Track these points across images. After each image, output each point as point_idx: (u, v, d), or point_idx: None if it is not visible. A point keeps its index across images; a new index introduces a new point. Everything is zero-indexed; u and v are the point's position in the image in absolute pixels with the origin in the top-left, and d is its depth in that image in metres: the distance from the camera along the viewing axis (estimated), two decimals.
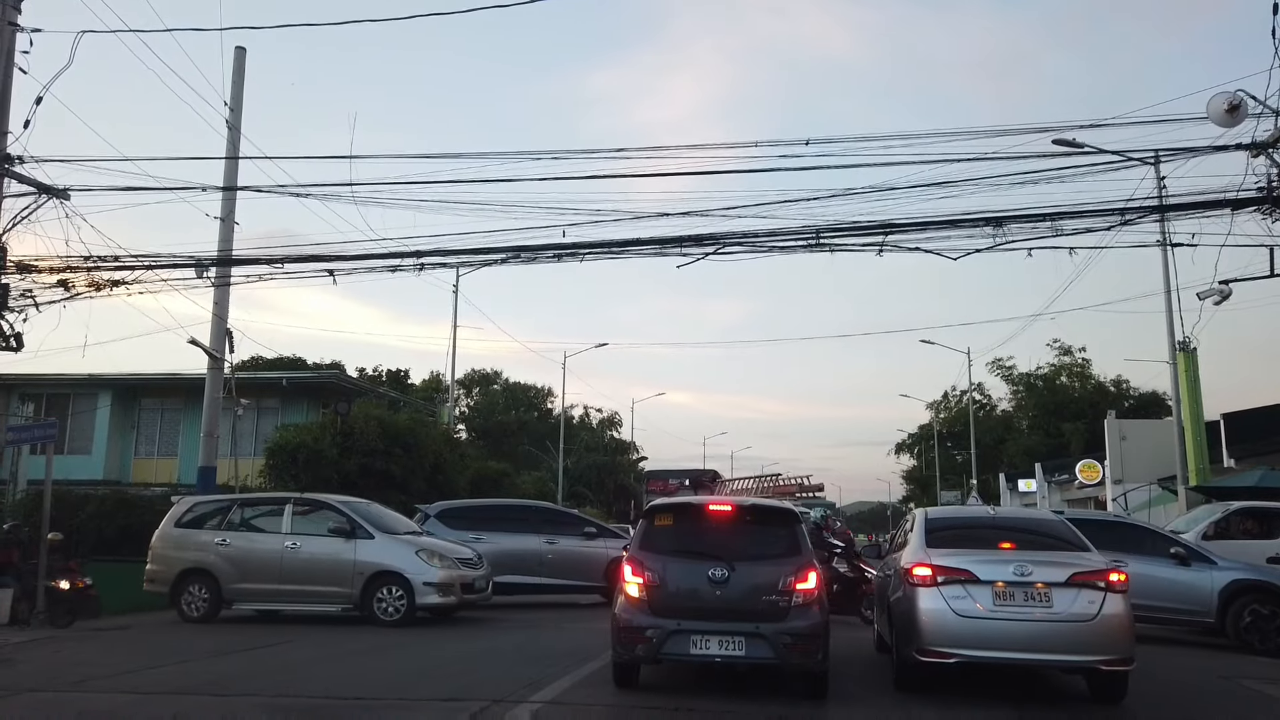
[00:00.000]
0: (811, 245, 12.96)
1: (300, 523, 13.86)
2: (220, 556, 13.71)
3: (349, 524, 13.57)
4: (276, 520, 14.01)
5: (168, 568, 13.91)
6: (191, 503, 14.82)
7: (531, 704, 7.33)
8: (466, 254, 14.53)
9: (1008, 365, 56.49)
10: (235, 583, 13.62)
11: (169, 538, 14.15)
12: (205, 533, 14.00)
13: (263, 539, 13.91)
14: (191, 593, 13.64)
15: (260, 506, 14.75)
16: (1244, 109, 11.39)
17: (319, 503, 14.33)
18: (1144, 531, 13.41)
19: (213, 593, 13.59)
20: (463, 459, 29.08)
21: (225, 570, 13.64)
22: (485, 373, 72.24)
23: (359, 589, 13.17)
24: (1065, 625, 7.43)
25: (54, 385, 29.34)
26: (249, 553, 13.75)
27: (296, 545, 13.56)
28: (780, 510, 8.65)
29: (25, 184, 13.86)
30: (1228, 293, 14.18)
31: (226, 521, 14.10)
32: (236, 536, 13.92)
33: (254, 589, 13.65)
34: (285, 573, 13.46)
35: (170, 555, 13.99)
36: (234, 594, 13.69)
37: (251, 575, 13.61)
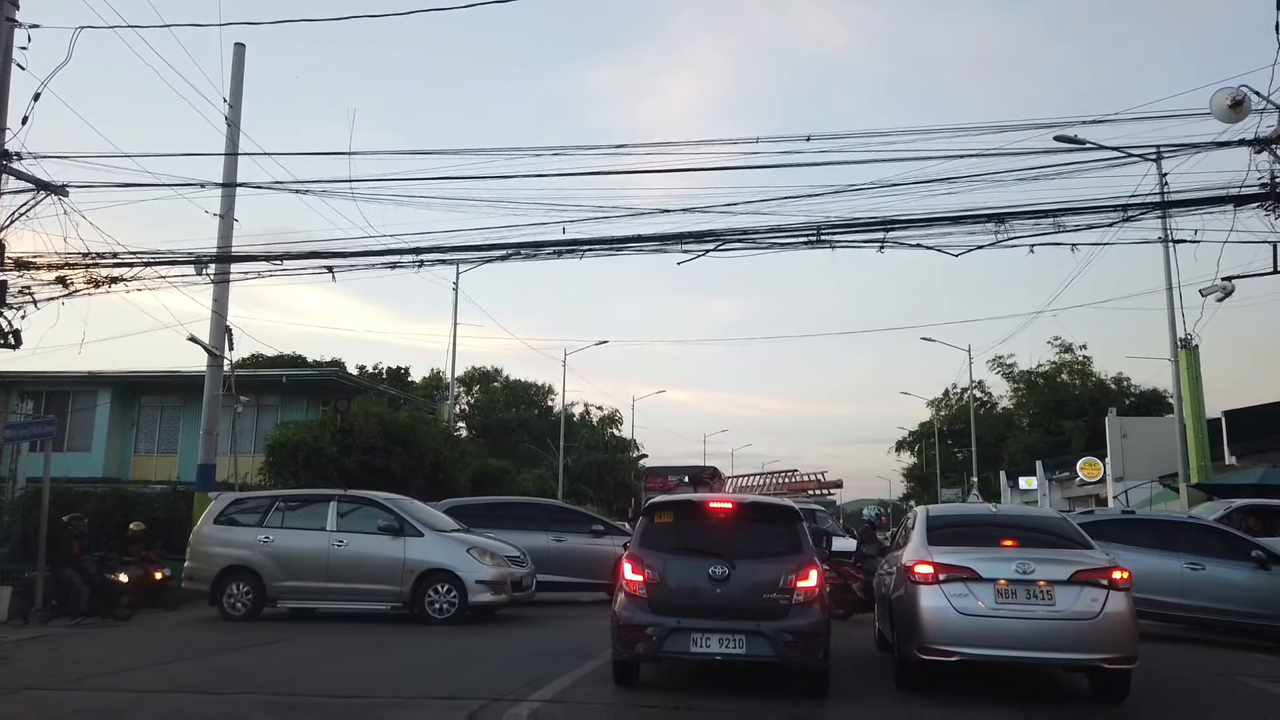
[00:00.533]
0: (812, 242, 12.90)
1: (346, 520, 13.63)
2: (263, 554, 13.48)
3: (398, 521, 13.42)
4: (321, 517, 13.73)
5: (208, 565, 13.66)
6: (230, 499, 14.59)
7: (531, 702, 7.30)
8: (466, 251, 14.48)
9: (1008, 363, 56.55)
10: (279, 580, 13.40)
11: (208, 535, 13.90)
12: (246, 529, 13.75)
13: (308, 536, 13.57)
14: (233, 590, 13.41)
15: (302, 503, 14.43)
16: (1247, 104, 11.32)
17: (364, 499, 14.18)
18: (1221, 533, 12.83)
19: (255, 591, 13.37)
20: (463, 456, 29.04)
21: (269, 568, 13.42)
22: (486, 370, 72.24)
23: (409, 587, 13.02)
24: (1068, 623, 7.39)
25: (53, 383, 29.29)
26: (294, 550, 13.49)
27: (343, 542, 13.35)
28: (781, 507, 8.61)
29: (23, 180, 13.81)
30: (1230, 289, 14.11)
31: (268, 518, 13.86)
32: (279, 533, 13.66)
33: (299, 587, 13.43)
34: (332, 570, 13.26)
35: (210, 552, 13.74)
36: (278, 592, 13.47)
37: (297, 573, 13.39)
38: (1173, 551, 12.21)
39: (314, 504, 14.23)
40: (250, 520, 13.92)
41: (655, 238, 13.53)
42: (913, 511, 9.82)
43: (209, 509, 14.39)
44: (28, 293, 14.51)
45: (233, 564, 13.53)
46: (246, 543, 13.62)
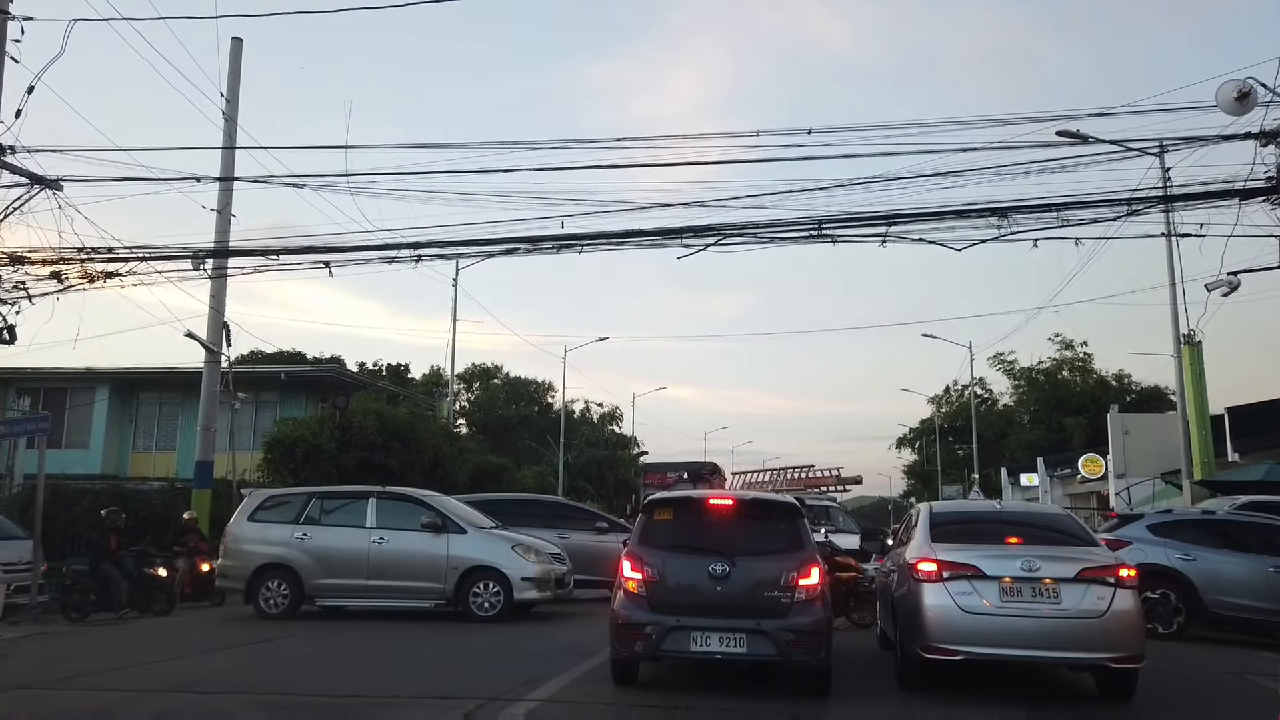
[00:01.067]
0: (814, 236, 12.79)
1: (385, 516, 13.42)
2: (301, 551, 13.26)
3: (440, 518, 13.29)
4: (359, 514, 13.51)
5: (243, 563, 13.44)
6: (264, 495, 14.34)
7: (528, 702, 7.18)
8: (464, 245, 14.34)
9: (1009, 360, 56.36)
10: (318, 578, 13.20)
11: (243, 532, 13.67)
12: (282, 526, 13.52)
13: (347, 533, 13.35)
14: (270, 588, 13.20)
15: (339, 500, 14.20)
16: (1254, 96, 11.21)
17: (404, 496, 14.06)
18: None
19: (293, 588, 13.16)
20: (462, 453, 28.94)
21: (307, 565, 13.21)
22: (485, 367, 72.09)
23: (453, 584, 12.88)
24: (1074, 622, 7.27)
25: (51, 379, 29.21)
26: (333, 548, 13.28)
27: (384, 540, 13.15)
28: (782, 504, 8.50)
29: (17, 174, 13.68)
30: (1236, 284, 14.00)
31: (304, 515, 13.62)
32: (317, 530, 13.44)
33: (339, 585, 13.23)
34: (373, 568, 13.07)
35: (245, 550, 13.51)
36: (316, 590, 13.25)
37: (336, 571, 13.19)
38: (1260, 553, 11.70)
39: (352, 501, 14.02)
40: (285, 517, 13.66)
41: (655, 232, 13.42)
42: (916, 508, 9.70)
43: (242, 506, 14.13)
44: (22, 288, 14.41)
45: (269, 561, 13.31)
46: (283, 540, 13.38)
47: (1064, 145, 13.13)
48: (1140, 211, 12.49)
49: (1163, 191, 14.20)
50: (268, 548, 13.40)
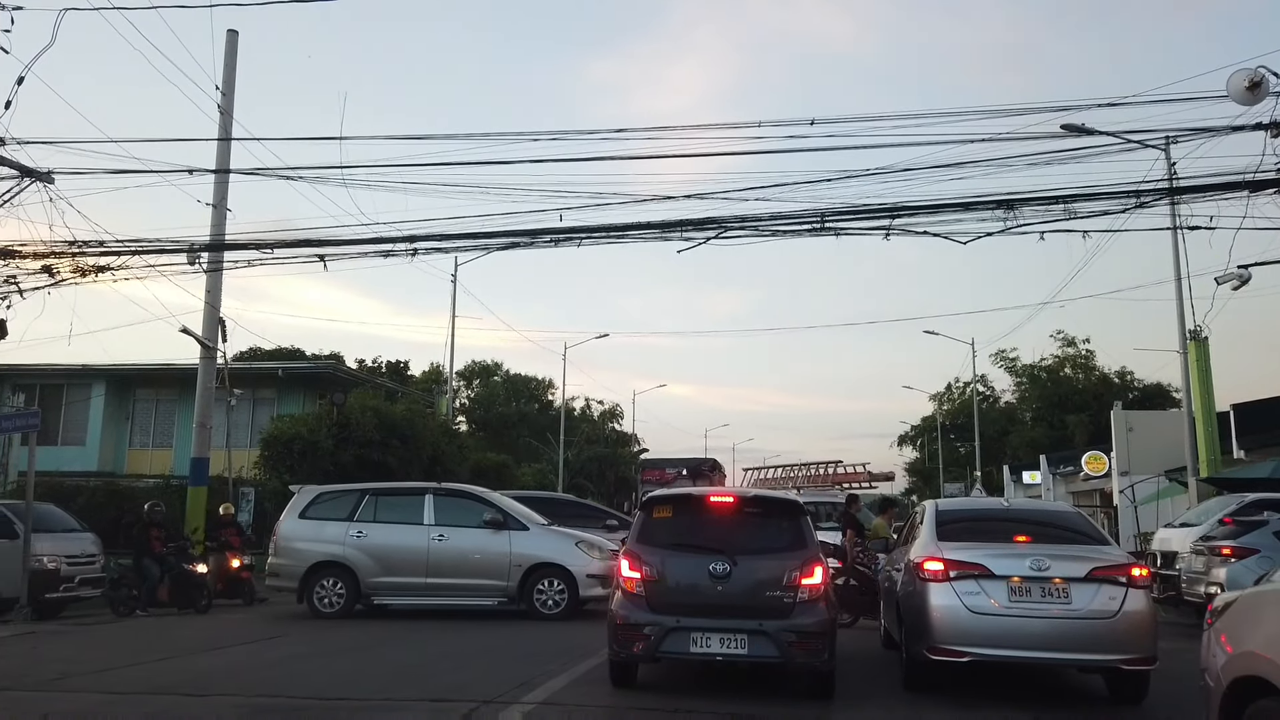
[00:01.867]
0: (816, 229, 12.58)
1: (443, 513, 13.21)
2: (357, 549, 13.02)
3: (502, 515, 13.10)
4: (416, 511, 13.29)
5: (296, 561, 13.16)
6: (315, 493, 14.02)
7: (524, 705, 6.99)
8: (462, 239, 14.14)
9: (1011, 357, 56.16)
10: (375, 576, 12.98)
11: (295, 530, 13.41)
12: (335, 524, 13.25)
13: (405, 531, 13.11)
14: (324, 587, 12.96)
15: (394, 496, 14.01)
16: (1265, 86, 10.98)
17: (463, 492, 13.88)
18: None
19: (349, 587, 12.93)
20: (461, 450, 28.77)
21: (364, 563, 12.98)
22: (485, 364, 71.92)
23: (516, 582, 12.71)
24: (1085, 622, 7.06)
25: (47, 375, 29.05)
26: (391, 545, 13.04)
27: (444, 537, 12.93)
28: (784, 502, 8.30)
29: (7, 166, 13.51)
30: (1247, 277, 13.78)
31: (358, 512, 13.37)
32: (373, 528, 13.20)
33: (397, 583, 13.00)
34: (433, 566, 12.84)
35: (298, 548, 13.24)
36: (374, 588, 13.03)
37: (394, 569, 12.95)
38: None
39: (407, 497, 13.83)
40: (338, 514, 13.41)
41: (655, 225, 13.20)
42: (921, 506, 9.49)
43: (292, 503, 13.86)
44: (13, 282, 14.23)
45: (323, 560, 13.06)
46: (337, 538, 13.12)
47: (1071, 137, 12.89)
48: (1149, 204, 12.28)
49: (1169, 184, 14.00)
50: (322, 545, 13.13)
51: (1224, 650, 4.07)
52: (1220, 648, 4.13)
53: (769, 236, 12.93)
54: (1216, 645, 4.20)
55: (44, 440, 20.52)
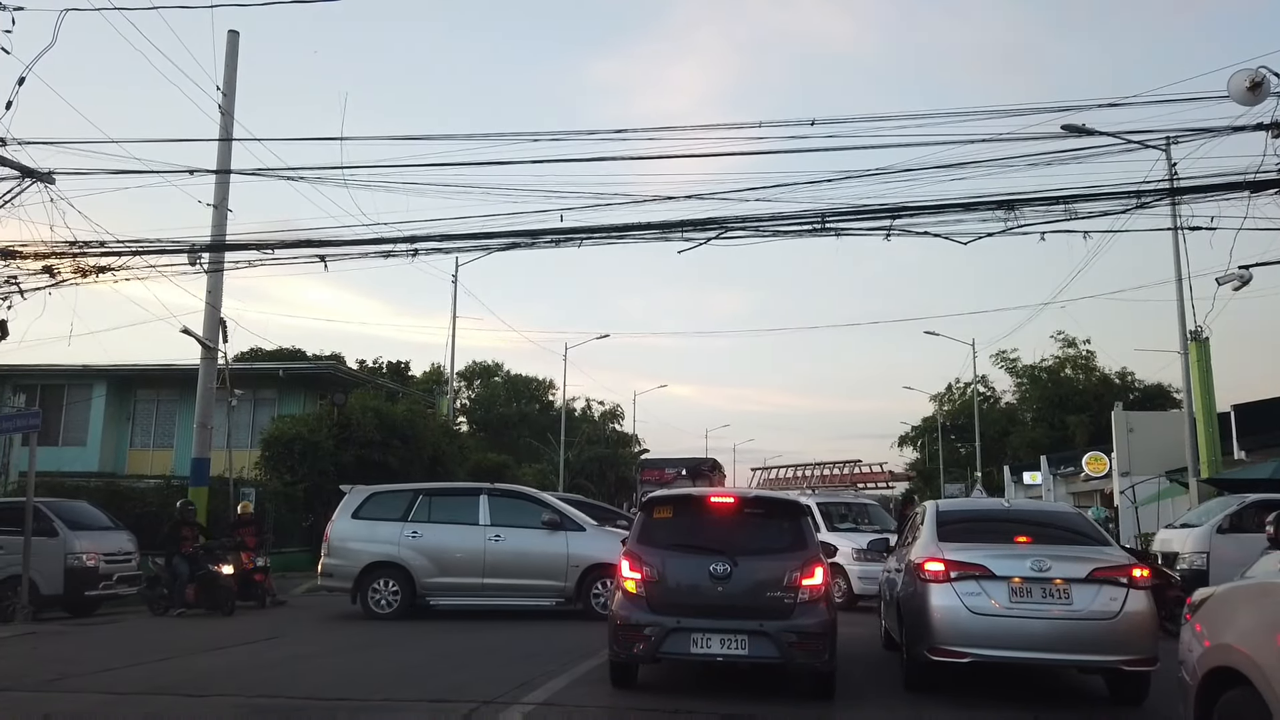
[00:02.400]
0: (817, 229, 12.56)
1: (498, 514, 13.15)
2: (413, 549, 12.97)
3: (559, 516, 13.08)
4: (471, 511, 13.23)
5: (350, 561, 13.07)
6: (367, 493, 13.96)
7: (524, 705, 6.98)
8: (462, 239, 14.13)
9: (1011, 357, 56.13)
10: (431, 577, 12.93)
11: (348, 530, 13.31)
12: (389, 524, 13.19)
13: (460, 531, 13.04)
14: (379, 588, 12.92)
15: (448, 497, 13.98)
16: (1266, 86, 10.97)
17: (518, 493, 13.86)
18: None
19: (404, 587, 12.89)
20: (462, 450, 28.81)
21: (419, 564, 12.93)
22: (486, 365, 71.92)
23: (573, 582, 12.70)
24: (1086, 623, 7.05)
25: (48, 376, 29.07)
26: (447, 546, 12.99)
27: (500, 537, 12.87)
28: (785, 502, 8.29)
29: (8, 167, 13.51)
30: (1248, 278, 13.76)
31: (412, 513, 13.32)
32: (428, 528, 13.13)
33: (454, 583, 12.94)
34: (490, 566, 12.78)
35: (352, 548, 13.14)
36: (429, 589, 12.98)
37: (451, 569, 12.89)
38: None
39: (461, 497, 13.83)
40: (392, 514, 13.36)
41: (656, 225, 13.19)
42: (921, 506, 9.47)
43: (343, 504, 13.77)
44: (13, 282, 14.23)
45: (378, 560, 13.00)
46: (392, 538, 13.06)
47: (1072, 137, 12.88)
48: (1150, 204, 12.27)
49: (1170, 184, 13.99)
50: (376, 546, 13.07)
51: (1201, 644, 4.13)
52: (1197, 641, 4.19)
53: (770, 237, 12.92)
54: (1193, 639, 4.26)
55: (45, 440, 20.53)
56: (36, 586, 13.58)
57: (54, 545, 13.80)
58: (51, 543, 13.81)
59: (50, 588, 13.71)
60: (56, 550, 13.76)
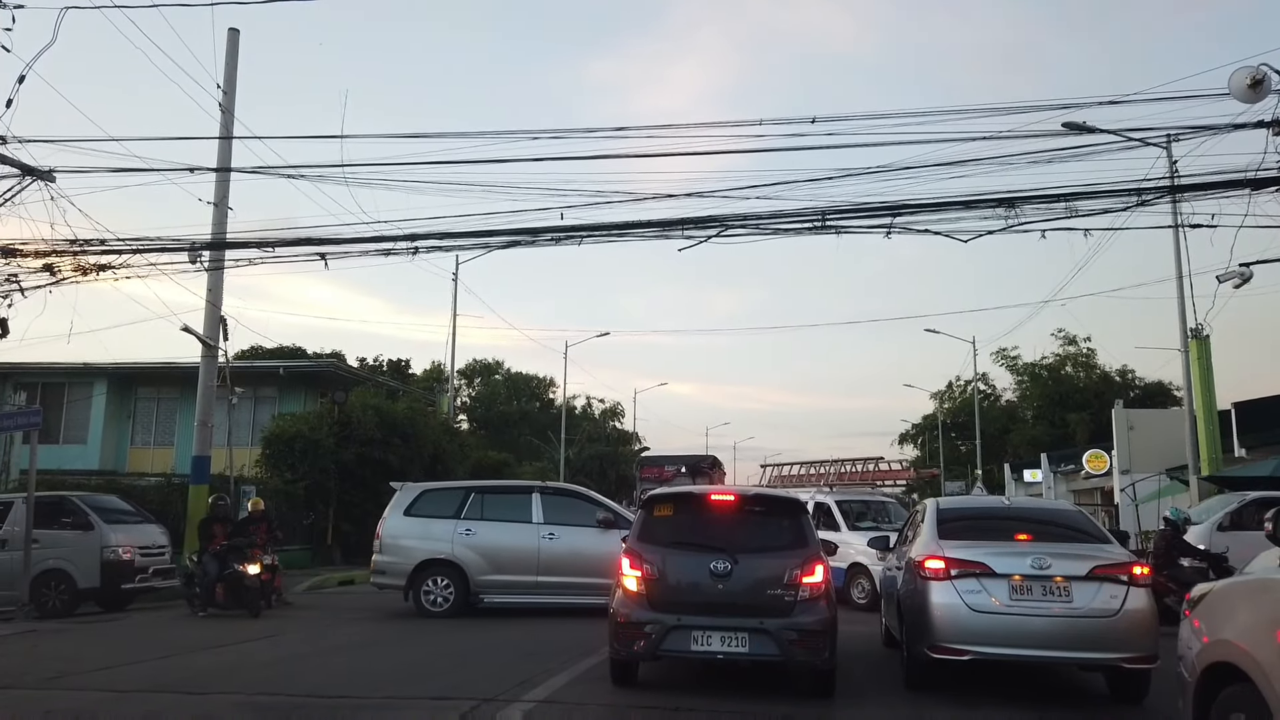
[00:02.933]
0: (817, 227, 12.57)
1: (552, 512, 13.12)
2: (466, 547, 12.94)
3: (613, 514, 13.06)
4: (524, 509, 13.19)
5: (404, 559, 13.03)
6: (419, 490, 13.97)
7: (524, 703, 6.98)
8: (462, 237, 14.14)
9: (1012, 355, 56.10)
10: (485, 574, 12.88)
11: (400, 527, 13.28)
12: (444, 522, 13.16)
13: (514, 529, 12.99)
14: (432, 585, 12.90)
15: (501, 495, 14.00)
16: (1267, 84, 10.97)
17: (570, 491, 13.86)
18: None
19: (458, 585, 12.85)
20: (462, 448, 28.82)
21: (473, 561, 12.88)
22: (487, 363, 71.95)
23: None
24: (1086, 621, 7.06)
25: (48, 374, 29.07)
26: (501, 544, 12.93)
27: (554, 535, 12.83)
28: (785, 500, 8.28)
29: (8, 165, 13.51)
30: (1248, 275, 13.75)
31: (465, 510, 13.30)
32: (481, 526, 13.10)
33: (507, 581, 12.89)
34: (544, 565, 12.72)
35: (405, 546, 13.11)
36: (483, 586, 12.93)
37: (504, 567, 12.84)
38: None
39: (514, 495, 13.86)
40: (445, 512, 13.33)
41: (656, 224, 13.21)
42: (921, 505, 9.48)
43: (395, 500, 13.72)
44: (14, 281, 14.24)
45: (431, 558, 12.98)
46: (445, 535, 13.03)
47: (1072, 135, 12.88)
48: (1150, 202, 12.26)
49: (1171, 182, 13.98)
50: (430, 543, 13.05)
51: (1199, 640, 4.14)
52: (1196, 637, 4.20)
53: (770, 235, 12.93)
54: (1192, 635, 4.26)
55: (45, 439, 20.53)
56: (73, 580, 13.85)
57: (90, 539, 13.96)
58: (88, 536, 13.97)
59: (87, 581, 13.89)
60: (93, 544, 13.93)
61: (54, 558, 13.76)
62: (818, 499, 16.50)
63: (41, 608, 13.44)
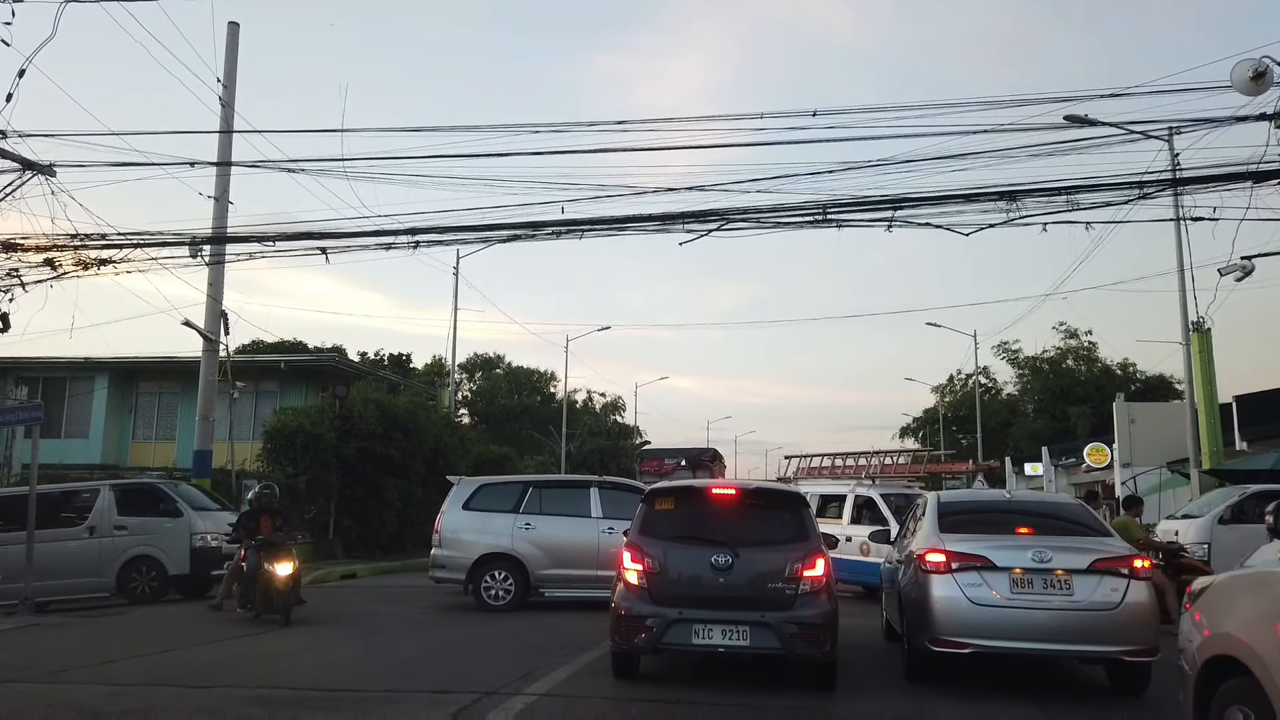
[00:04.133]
0: (818, 221, 12.55)
1: (610, 506, 13.12)
2: (526, 541, 12.97)
3: None
4: (583, 503, 13.22)
5: (464, 553, 13.02)
6: (477, 484, 13.99)
7: (525, 696, 7.00)
8: (463, 231, 14.12)
9: (1013, 349, 56.15)
10: (545, 569, 12.93)
11: (460, 521, 13.27)
12: (503, 516, 13.19)
13: (573, 523, 13.03)
14: (492, 579, 12.91)
15: (559, 489, 14.05)
16: (1269, 76, 10.94)
17: (627, 485, 13.92)
18: None
19: (518, 579, 12.87)
20: (463, 442, 28.82)
21: (534, 555, 12.92)
22: (488, 357, 72.02)
23: None
24: (1087, 614, 7.07)
25: (50, 368, 29.08)
26: (561, 537, 12.96)
27: (614, 529, 12.71)
28: (786, 494, 8.30)
29: (8, 159, 13.50)
30: (1250, 268, 13.72)
31: (523, 504, 13.34)
32: (540, 520, 13.15)
33: (568, 575, 12.90)
34: (604, 558, 12.50)
35: (465, 540, 13.10)
36: (543, 580, 12.96)
37: (565, 561, 12.86)
38: None
39: (572, 490, 13.89)
40: (504, 506, 13.37)
41: (657, 217, 13.20)
42: (923, 498, 9.48)
43: (453, 494, 13.73)
44: (15, 275, 14.24)
45: (491, 552, 13.00)
46: (505, 530, 13.07)
47: (1074, 128, 12.86)
48: (1152, 195, 12.24)
49: (1172, 175, 13.95)
50: (490, 537, 13.07)
51: (1200, 633, 4.14)
52: (1197, 630, 4.20)
53: (771, 228, 12.91)
54: (1193, 628, 4.27)
55: (47, 433, 20.57)
56: (163, 566, 14.29)
57: (180, 526, 14.26)
58: (177, 523, 14.28)
59: (177, 567, 14.25)
60: (182, 531, 14.25)
61: (144, 544, 14.20)
62: (859, 492, 16.18)
63: (130, 594, 13.76)
